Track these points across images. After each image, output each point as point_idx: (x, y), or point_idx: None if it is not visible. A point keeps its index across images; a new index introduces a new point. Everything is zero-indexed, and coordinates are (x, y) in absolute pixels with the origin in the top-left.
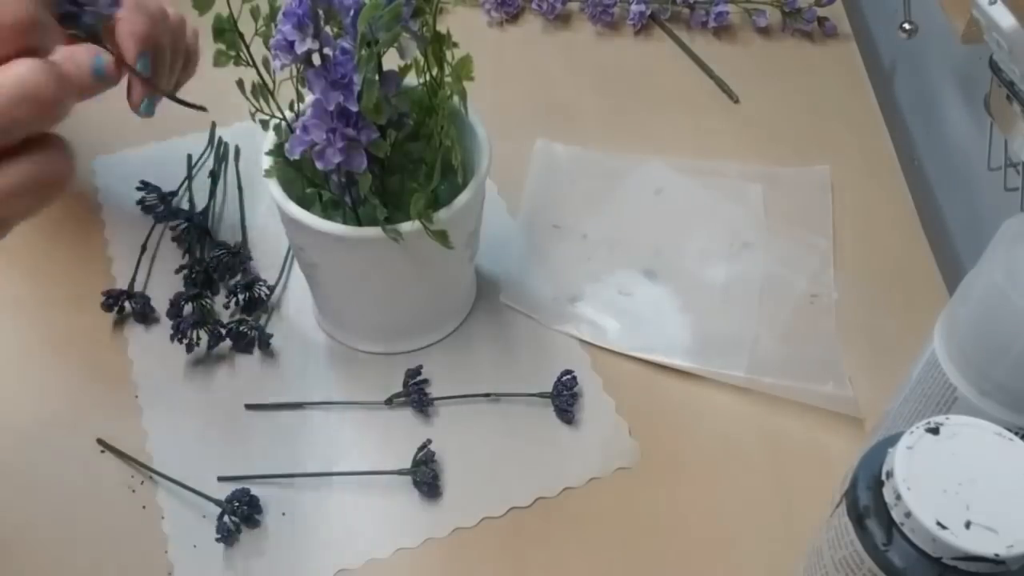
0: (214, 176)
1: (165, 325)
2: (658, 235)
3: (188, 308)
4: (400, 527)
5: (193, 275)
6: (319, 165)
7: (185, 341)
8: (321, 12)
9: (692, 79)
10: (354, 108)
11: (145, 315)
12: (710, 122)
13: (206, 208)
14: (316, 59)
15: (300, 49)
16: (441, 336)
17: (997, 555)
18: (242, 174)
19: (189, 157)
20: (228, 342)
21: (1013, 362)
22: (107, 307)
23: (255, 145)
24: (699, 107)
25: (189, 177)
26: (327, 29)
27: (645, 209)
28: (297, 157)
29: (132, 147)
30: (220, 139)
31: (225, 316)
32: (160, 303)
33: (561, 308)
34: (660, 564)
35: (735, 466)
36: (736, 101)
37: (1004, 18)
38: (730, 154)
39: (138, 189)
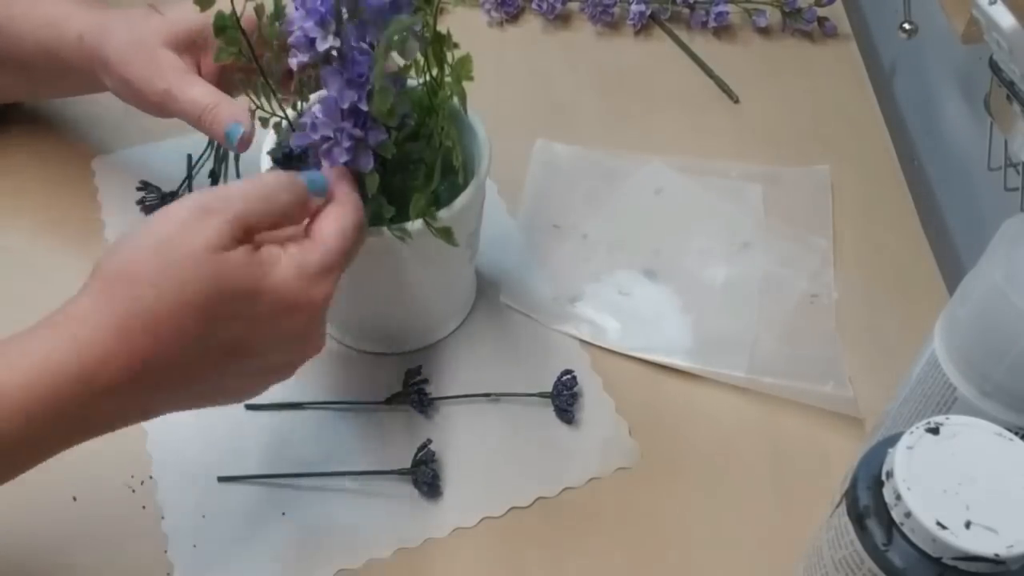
0: (214, 176)
1: None
2: (658, 235)
3: None
4: (400, 527)
5: None
6: (326, 163)
7: None
8: (344, 10)
9: (692, 79)
10: (365, 108)
11: None
12: (710, 122)
13: None
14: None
15: (321, 47)
16: (441, 336)
17: (997, 555)
18: (243, 174)
19: (189, 157)
20: None
21: (1013, 362)
22: None
23: (255, 145)
24: (699, 107)
25: (189, 177)
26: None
27: (645, 209)
28: (298, 151)
29: (131, 147)
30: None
31: None
32: None
33: (561, 308)
34: (660, 564)
35: (735, 466)
36: (736, 101)
37: (1004, 18)
38: (730, 154)
39: (138, 189)
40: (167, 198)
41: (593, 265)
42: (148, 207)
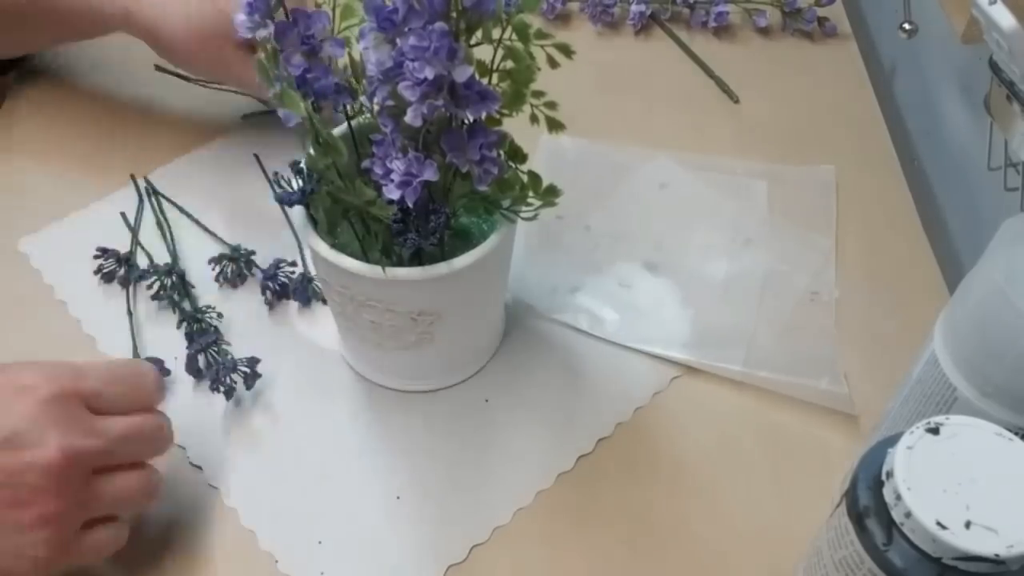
0: (161, 225)
1: (187, 383)
2: (661, 229)
3: (202, 360)
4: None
5: (194, 327)
6: (408, 198)
7: (223, 389)
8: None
9: (692, 79)
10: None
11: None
12: (710, 122)
13: (173, 258)
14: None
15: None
16: (470, 373)
17: (997, 555)
18: (189, 210)
19: (123, 215)
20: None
21: (1013, 362)
22: None
23: (186, 184)
24: (699, 107)
25: (135, 233)
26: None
27: (649, 203)
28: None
29: (55, 219)
30: (147, 188)
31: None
32: (171, 362)
33: (561, 298)
34: (660, 564)
35: (735, 465)
36: (736, 101)
37: (1004, 18)
38: (730, 154)
39: (95, 258)
40: (122, 261)
41: (595, 256)
42: (107, 274)
